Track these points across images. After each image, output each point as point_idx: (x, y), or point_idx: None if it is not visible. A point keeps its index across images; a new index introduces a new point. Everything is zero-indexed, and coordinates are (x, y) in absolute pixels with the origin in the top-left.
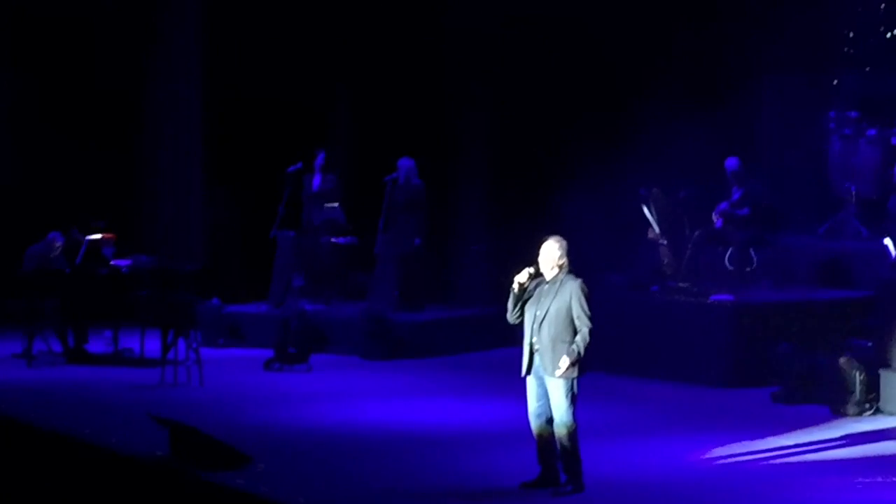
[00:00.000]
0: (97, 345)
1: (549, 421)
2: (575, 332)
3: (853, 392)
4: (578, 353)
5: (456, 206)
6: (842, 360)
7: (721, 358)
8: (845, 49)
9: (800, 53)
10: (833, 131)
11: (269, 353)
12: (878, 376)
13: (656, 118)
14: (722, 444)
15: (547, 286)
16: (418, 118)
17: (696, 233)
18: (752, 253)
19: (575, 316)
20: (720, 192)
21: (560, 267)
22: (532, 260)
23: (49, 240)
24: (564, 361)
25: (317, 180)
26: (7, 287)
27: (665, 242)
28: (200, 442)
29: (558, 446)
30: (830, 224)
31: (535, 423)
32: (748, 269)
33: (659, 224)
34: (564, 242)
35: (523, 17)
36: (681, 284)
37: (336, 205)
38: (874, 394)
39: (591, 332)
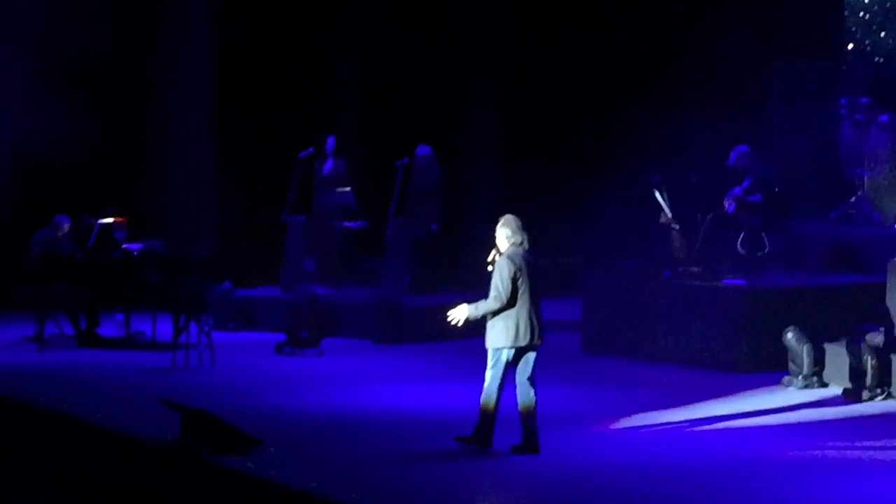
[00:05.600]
0: (109, 328)
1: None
2: (508, 305)
3: (865, 377)
4: (475, 308)
5: (468, 191)
6: (853, 346)
7: (733, 342)
8: (854, 27)
9: (810, 39)
10: (844, 117)
11: (280, 337)
12: (890, 361)
13: (668, 104)
14: (732, 429)
15: None
16: (430, 102)
17: (708, 218)
18: (765, 238)
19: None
20: (732, 178)
21: (505, 245)
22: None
23: (55, 222)
24: (460, 310)
25: (328, 165)
26: (19, 271)
27: (677, 227)
28: (211, 426)
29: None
30: (842, 210)
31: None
32: (760, 253)
33: (671, 209)
34: (507, 221)
35: (534, 5)
36: (693, 269)
37: (347, 189)
38: (886, 379)
39: (494, 302)
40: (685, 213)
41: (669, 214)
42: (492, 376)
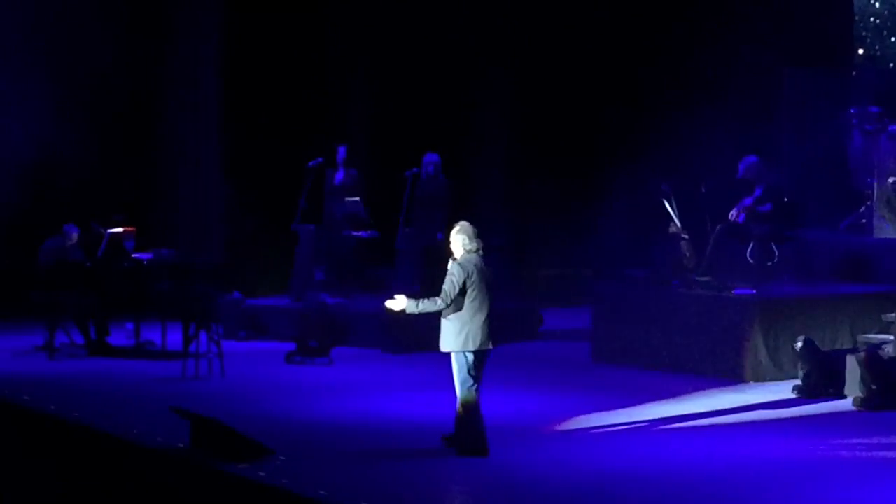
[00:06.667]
0: (119, 337)
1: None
2: (456, 310)
3: (874, 387)
4: (415, 305)
5: (476, 202)
6: (863, 355)
7: (742, 351)
8: (865, 33)
9: (820, 46)
10: (854, 126)
11: (290, 346)
12: None
13: (677, 113)
14: (742, 438)
15: None
16: (439, 112)
17: (718, 227)
18: (774, 247)
19: None
20: (742, 188)
21: (461, 252)
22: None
23: (64, 231)
24: (399, 301)
25: (339, 174)
26: (29, 280)
27: (687, 237)
28: (221, 434)
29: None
30: (852, 219)
31: None
32: (770, 263)
33: (680, 218)
34: (463, 227)
35: (542, 12)
36: (702, 279)
37: (357, 199)
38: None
39: (438, 304)
40: (694, 223)
41: (679, 224)
42: (460, 381)
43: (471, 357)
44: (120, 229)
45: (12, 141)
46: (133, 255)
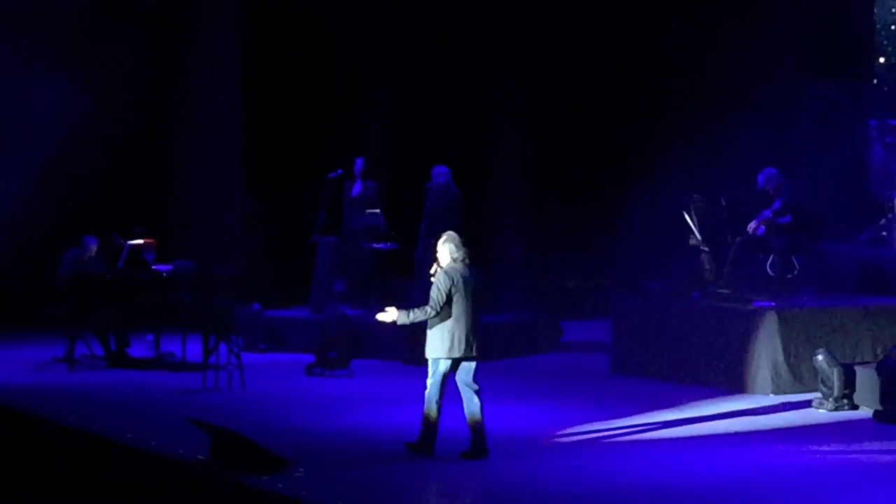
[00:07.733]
0: (139, 349)
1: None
2: (438, 318)
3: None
4: (406, 315)
5: (494, 212)
6: (884, 368)
7: (762, 364)
8: (885, 41)
9: (840, 57)
10: (875, 139)
11: (310, 358)
12: None
13: (696, 125)
14: (760, 450)
15: None
16: (457, 123)
17: (738, 240)
18: (794, 260)
19: None
20: (762, 200)
21: (448, 261)
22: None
23: (83, 243)
24: (390, 313)
25: (357, 186)
26: (48, 291)
27: (706, 249)
28: (241, 446)
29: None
30: (872, 232)
31: None
32: (790, 275)
33: (700, 231)
34: (450, 237)
35: (560, 23)
36: (722, 291)
37: (377, 210)
38: None
39: (427, 312)
40: (714, 235)
41: (699, 236)
42: (430, 385)
43: (448, 364)
44: (140, 241)
45: (31, 153)
46: (153, 267)
